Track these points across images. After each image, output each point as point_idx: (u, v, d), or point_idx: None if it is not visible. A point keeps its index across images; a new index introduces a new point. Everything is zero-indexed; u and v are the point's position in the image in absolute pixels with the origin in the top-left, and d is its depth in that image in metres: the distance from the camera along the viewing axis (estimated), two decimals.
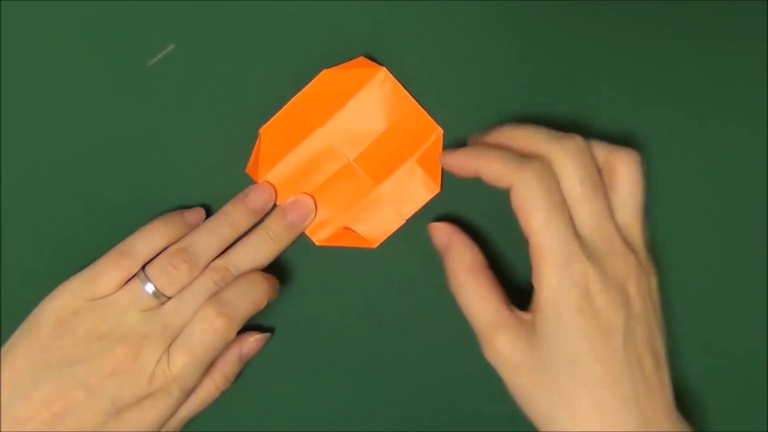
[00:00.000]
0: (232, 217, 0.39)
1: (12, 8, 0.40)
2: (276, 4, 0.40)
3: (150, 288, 0.37)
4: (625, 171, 0.35)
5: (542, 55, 0.41)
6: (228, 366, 0.40)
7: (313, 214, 0.40)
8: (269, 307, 0.41)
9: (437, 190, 0.41)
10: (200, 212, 0.40)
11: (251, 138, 0.41)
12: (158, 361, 0.36)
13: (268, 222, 0.40)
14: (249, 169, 0.41)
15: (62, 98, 0.41)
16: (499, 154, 0.35)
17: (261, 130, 0.40)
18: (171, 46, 0.41)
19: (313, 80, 0.40)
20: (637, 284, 0.35)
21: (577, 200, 0.34)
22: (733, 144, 0.41)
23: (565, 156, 0.34)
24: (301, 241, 0.41)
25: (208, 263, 0.38)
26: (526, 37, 0.41)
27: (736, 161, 0.41)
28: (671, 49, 0.41)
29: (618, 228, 0.35)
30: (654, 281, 0.36)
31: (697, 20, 0.40)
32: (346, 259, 0.41)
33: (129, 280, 0.38)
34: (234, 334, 0.37)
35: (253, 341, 0.40)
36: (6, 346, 0.37)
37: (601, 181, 0.35)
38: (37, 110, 0.41)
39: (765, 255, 0.41)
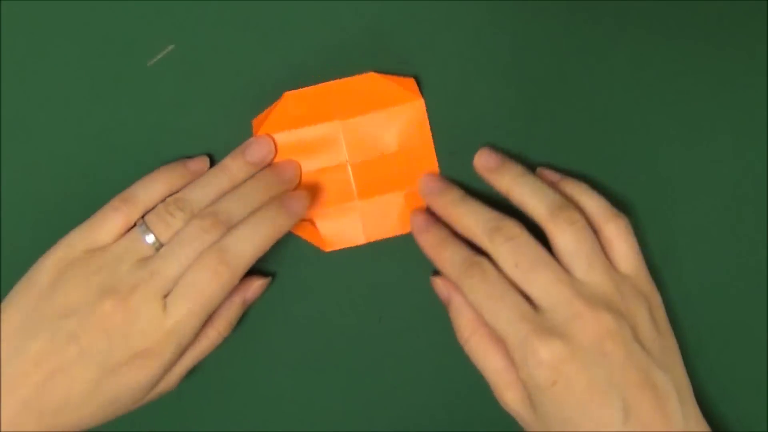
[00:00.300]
0: (230, 169, 0.39)
1: (12, 8, 0.40)
2: (275, 4, 0.40)
3: (150, 238, 0.37)
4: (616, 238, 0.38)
5: (542, 57, 0.41)
6: (232, 311, 0.39)
7: (298, 180, 0.40)
8: (269, 306, 0.41)
9: (409, 230, 0.40)
10: (204, 160, 0.40)
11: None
12: (151, 315, 0.35)
13: (259, 174, 0.39)
14: (255, 121, 0.41)
15: (62, 98, 0.41)
16: (448, 256, 0.38)
17: (287, 93, 0.40)
18: (171, 46, 0.41)
19: (357, 76, 0.40)
20: (613, 334, 0.34)
21: (521, 281, 0.36)
22: (733, 145, 0.41)
23: (496, 249, 0.37)
24: (302, 242, 0.41)
25: None
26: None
27: (736, 163, 0.41)
28: (673, 50, 0.41)
29: (579, 285, 0.36)
30: (644, 313, 0.36)
31: (697, 21, 0.40)
32: (346, 259, 0.41)
33: (129, 230, 0.37)
34: (236, 281, 0.36)
35: (257, 286, 0.40)
36: (6, 300, 0.37)
37: (540, 250, 0.36)
38: (37, 110, 0.41)
39: (765, 256, 0.41)
